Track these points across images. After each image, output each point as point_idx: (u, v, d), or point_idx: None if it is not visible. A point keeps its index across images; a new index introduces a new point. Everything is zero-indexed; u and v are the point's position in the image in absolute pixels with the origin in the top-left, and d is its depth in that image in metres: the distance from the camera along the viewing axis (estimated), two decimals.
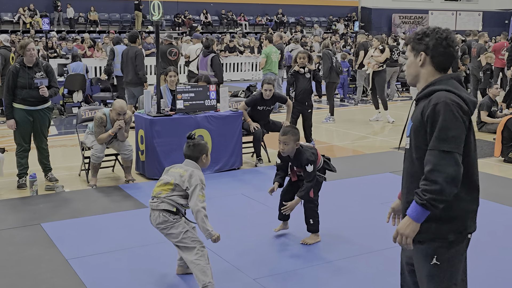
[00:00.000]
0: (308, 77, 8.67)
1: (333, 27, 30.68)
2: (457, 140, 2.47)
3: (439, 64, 2.62)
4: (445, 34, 2.59)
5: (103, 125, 6.74)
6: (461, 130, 2.49)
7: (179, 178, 3.97)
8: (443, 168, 2.44)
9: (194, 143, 4.15)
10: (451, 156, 2.45)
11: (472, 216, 2.62)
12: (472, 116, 2.59)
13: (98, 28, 25.38)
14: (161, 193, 4.00)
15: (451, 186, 2.44)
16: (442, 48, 2.59)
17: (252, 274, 4.37)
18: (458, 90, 2.56)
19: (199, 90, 7.33)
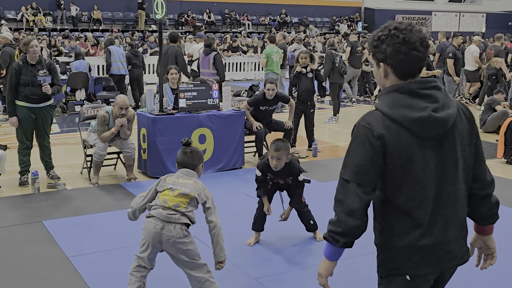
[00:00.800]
0: (311, 77, 8.65)
1: (336, 27, 30.66)
2: (359, 169, 2.18)
3: (401, 72, 2.22)
4: (402, 36, 2.17)
5: (105, 123, 6.73)
6: (365, 158, 2.17)
7: (195, 190, 3.60)
8: (342, 197, 2.23)
9: (192, 150, 3.76)
10: (350, 186, 2.20)
11: (409, 256, 2.22)
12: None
13: (101, 27, 25.41)
14: (180, 205, 3.56)
15: (350, 219, 2.19)
16: (402, 54, 2.19)
17: (253, 274, 4.36)
18: (391, 108, 2.17)
19: (202, 89, 7.32)
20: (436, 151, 2.21)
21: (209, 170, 7.33)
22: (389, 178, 2.21)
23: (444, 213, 2.24)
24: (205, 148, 7.28)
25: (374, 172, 2.19)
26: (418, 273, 2.24)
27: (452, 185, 2.24)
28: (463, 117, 2.29)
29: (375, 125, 2.19)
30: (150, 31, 24.05)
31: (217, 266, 3.67)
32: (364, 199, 2.20)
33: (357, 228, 2.22)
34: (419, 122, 2.15)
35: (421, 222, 2.21)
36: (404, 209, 2.22)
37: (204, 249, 4.08)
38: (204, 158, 7.26)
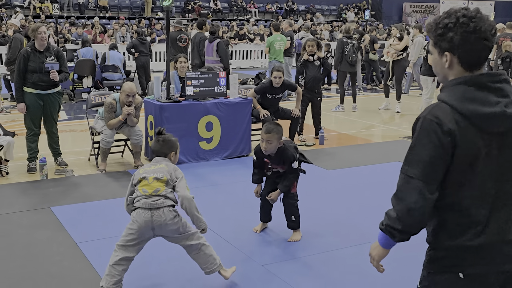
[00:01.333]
0: (318, 64, 8.62)
1: (343, 15, 30.50)
2: (425, 166, 2.07)
3: (468, 63, 2.09)
4: (472, 25, 2.02)
5: (113, 111, 6.75)
6: (433, 155, 2.05)
7: (166, 172, 3.73)
8: (404, 195, 2.13)
9: (164, 139, 3.90)
10: (414, 184, 2.09)
11: (466, 253, 2.13)
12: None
13: (107, 14, 25.36)
14: (159, 189, 3.68)
15: (408, 218, 2.11)
16: (471, 44, 2.05)
17: (260, 260, 4.38)
18: (461, 101, 2.05)
19: (209, 76, 7.32)
20: (499, 148, 2.09)
21: (215, 157, 7.34)
22: (451, 176, 2.09)
23: (504, 213, 2.13)
24: (212, 136, 7.29)
25: (441, 171, 2.07)
26: (472, 272, 2.13)
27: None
28: None
29: (444, 120, 2.03)
30: (156, 19, 23.99)
31: (201, 233, 3.84)
32: (428, 198, 2.07)
33: (416, 226, 2.15)
34: (490, 118, 2.02)
35: (479, 221, 2.11)
36: (462, 207, 2.11)
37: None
38: (211, 146, 7.30)
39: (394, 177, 5.64)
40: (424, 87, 10.59)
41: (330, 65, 9.07)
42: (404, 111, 11.50)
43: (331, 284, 4.06)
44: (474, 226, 2.11)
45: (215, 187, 6.29)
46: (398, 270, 4.27)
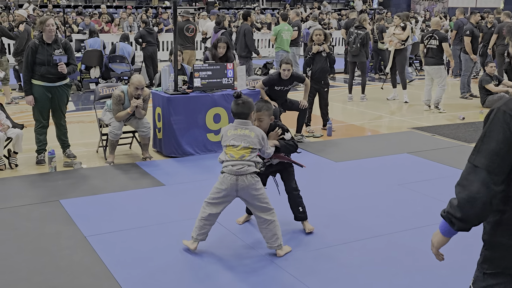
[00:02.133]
0: (325, 55, 8.59)
1: (351, 3, 30.27)
2: (492, 157, 2.04)
3: None
4: None
5: (121, 103, 6.75)
6: (502, 146, 2.03)
7: (251, 140, 4.16)
8: (467, 184, 2.09)
9: (243, 101, 4.23)
10: (479, 173, 2.06)
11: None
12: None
13: (115, 3, 25.31)
14: (245, 155, 4.14)
15: (469, 207, 2.08)
16: None
17: (269, 254, 4.38)
18: None
19: (217, 68, 7.30)
20: None
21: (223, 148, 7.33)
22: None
23: None
24: (219, 128, 7.27)
25: (509, 163, 2.04)
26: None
27: None
28: None
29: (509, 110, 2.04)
30: (163, 8, 23.92)
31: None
32: (491, 189, 2.04)
33: (476, 217, 2.09)
34: None
35: None
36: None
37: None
38: (219, 138, 7.26)
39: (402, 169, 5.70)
40: (438, 76, 10.53)
41: (333, 57, 8.98)
42: (412, 101, 11.44)
43: (335, 278, 4.06)
44: None
45: None
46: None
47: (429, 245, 2.27)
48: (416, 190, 5.93)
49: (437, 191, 5.83)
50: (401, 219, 5.14)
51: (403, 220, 5.11)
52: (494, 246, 2.15)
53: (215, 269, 4.15)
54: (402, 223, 5.04)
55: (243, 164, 4.13)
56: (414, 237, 4.72)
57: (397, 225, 4.97)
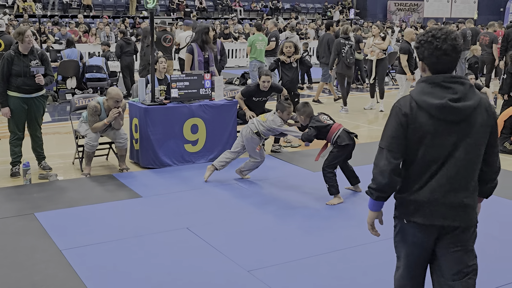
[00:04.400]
0: (295, 66, 8.61)
1: (329, 13, 30.55)
2: (390, 138, 2.79)
3: (435, 71, 2.79)
4: (435, 44, 2.73)
5: (97, 114, 6.69)
6: (394, 130, 2.78)
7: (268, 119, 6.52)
8: (377, 162, 2.82)
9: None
10: (383, 152, 2.80)
11: (407, 205, 2.83)
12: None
13: (91, 13, 25.16)
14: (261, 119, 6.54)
15: (381, 178, 2.78)
16: (435, 58, 2.75)
17: (246, 266, 4.37)
18: (418, 94, 2.77)
19: (194, 79, 7.29)
20: (451, 132, 2.73)
21: (201, 160, 7.32)
22: (408, 148, 2.78)
23: (446, 179, 2.76)
24: (197, 138, 7.27)
25: (402, 142, 2.77)
26: (412, 220, 2.83)
27: (458, 160, 2.75)
28: (483, 110, 2.76)
29: (403, 106, 2.78)
30: (141, 17, 23.86)
31: None
32: (392, 162, 2.77)
33: (386, 185, 2.80)
34: (436, 107, 2.70)
35: (424, 183, 2.78)
36: (412, 171, 2.80)
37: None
38: (197, 148, 7.29)
39: None
40: (400, 85, 11.06)
41: (309, 62, 9.02)
42: (388, 110, 11.53)
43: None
44: (420, 186, 2.79)
45: (200, 190, 6.27)
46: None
47: None
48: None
49: None
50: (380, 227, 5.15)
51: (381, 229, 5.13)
52: (397, 199, 2.91)
53: (193, 282, 4.12)
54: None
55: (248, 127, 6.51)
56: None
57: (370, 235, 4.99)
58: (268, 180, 6.69)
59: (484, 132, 2.78)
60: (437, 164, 2.75)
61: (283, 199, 5.98)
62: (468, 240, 2.83)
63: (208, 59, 8.54)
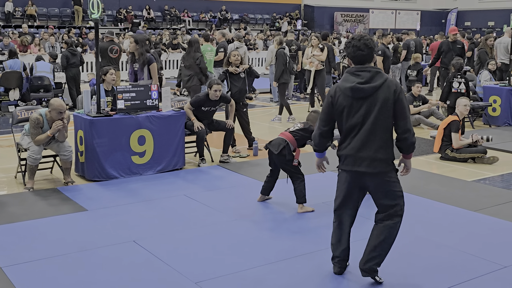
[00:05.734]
0: (243, 76, 8.66)
1: (277, 24, 30.85)
2: (323, 113, 4.15)
3: (355, 63, 4.05)
4: (353, 43, 4.02)
5: (39, 126, 6.54)
6: (325, 107, 4.13)
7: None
8: (315, 129, 4.25)
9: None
10: (318, 122, 4.18)
11: (340, 158, 4.14)
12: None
13: (36, 23, 24.58)
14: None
15: (315, 138, 4.24)
16: (353, 53, 4.02)
17: (194, 278, 4.34)
18: (341, 81, 4.04)
19: (141, 90, 7.22)
20: (361, 106, 3.95)
21: (149, 171, 7.24)
22: (337, 118, 4.08)
23: (360, 140, 3.99)
24: (144, 150, 7.19)
25: (330, 116, 4.11)
26: (344, 169, 4.12)
27: (368, 126, 3.95)
28: (386, 89, 3.92)
29: (331, 91, 4.08)
30: (87, 28, 23.47)
31: None
32: (322, 129, 4.15)
33: (317, 144, 4.25)
34: (349, 89, 3.96)
35: (347, 142, 4.06)
36: (343, 134, 4.08)
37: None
38: (144, 160, 7.21)
39: (327, 187, 5.80)
40: None
41: (257, 72, 9.09)
42: None
43: None
44: (346, 145, 4.07)
45: (148, 203, 6.19)
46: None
47: None
48: None
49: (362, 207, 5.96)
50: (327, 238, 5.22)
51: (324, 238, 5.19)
52: (338, 155, 4.17)
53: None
54: (321, 243, 5.12)
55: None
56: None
57: (319, 244, 5.04)
58: (216, 191, 6.67)
59: (387, 105, 3.91)
60: (357, 128, 3.97)
61: (231, 210, 5.98)
62: (380, 183, 4.06)
63: (137, 71, 8.41)
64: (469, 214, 5.88)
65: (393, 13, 35.36)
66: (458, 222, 5.67)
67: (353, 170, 4.03)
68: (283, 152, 5.88)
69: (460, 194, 6.51)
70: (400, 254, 4.85)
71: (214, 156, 8.19)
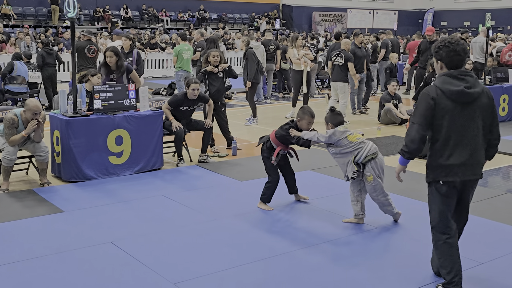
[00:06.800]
0: (221, 76, 8.62)
1: (255, 24, 30.86)
2: (419, 115, 3.88)
3: (450, 67, 3.93)
4: (451, 47, 3.88)
5: (14, 127, 6.44)
6: (424, 109, 3.87)
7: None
8: (409, 132, 3.94)
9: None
10: (414, 126, 3.90)
11: (442, 169, 3.90)
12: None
13: (11, 22, 24.23)
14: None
15: (410, 144, 3.92)
16: (449, 58, 3.90)
17: (172, 278, 4.31)
18: (441, 84, 3.88)
19: (118, 89, 7.15)
20: (463, 111, 3.84)
21: (126, 171, 7.18)
22: (434, 123, 3.88)
23: (463, 147, 3.86)
24: (122, 150, 7.12)
25: (429, 119, 3.86)
26: (446, 180, 3.91)
27: (471, 131, 3.87)
28: (485, 95, 3.92)
29: (431, 92, 3.88)
30: (64, 27, 23.21)
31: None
32: (421, 134, 3.88)
33: (414, 150, 3.94)
34: (455, 93, 3.82)
35: (449, 150, 3.87)
36: (441, 142, 3.89)
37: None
38: (121, 160, 7.14)
39: (305, 186, 5.79)
40: (342, 92, 11.26)
41: (235, 72, 9.05)
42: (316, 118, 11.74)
43: None
44: (447, 153, 3.88)
45: (126, 203, 6.14)
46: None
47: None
48: (319, 206, 6.06)
49: (338, 205, 5.99)
50: (305, 236, 5.23)
51: (304, 237, 5.20)
52: (428, 166, 4.00)
53: None
54: (298, 241, 5.12)
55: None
56: (318, 254, 4.81)
57: (296, 243, 5.05)
58: (194, 191, 6.64)
59: (486, 110, 3.90)
60: (458, 134, 3.84)
61: (209, 210, 5.95)
62: (473, 190, 4.07)
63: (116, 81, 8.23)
64: None
65: (371, 13, 35.63)
66: None
67: (461, 180, 3.89)
68: (263, 147, 5.97)
69: None
70: (375, 251, 4.88)
71: (193, 156, 8.15)
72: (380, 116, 11.33)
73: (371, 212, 5.63)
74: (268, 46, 14.06)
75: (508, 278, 4.44)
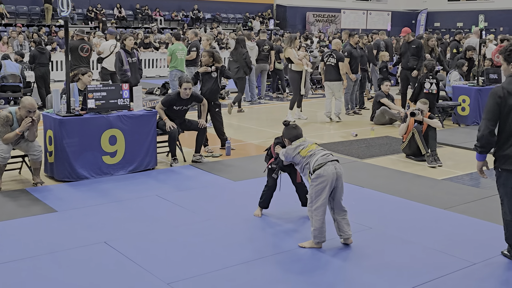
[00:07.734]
0: (215, 76, 8.62)
1: (249, 24, 30.86)
2: (488, 112, 4.44)
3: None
4: None
5: (8, 124, 6.41)
6: (492, 106, 4.43)
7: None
8: (480, 128, 4.47)
9: (296, 125, 5.18)
10: (484, 121, 4.44)
11: (502, 158, 4.49)
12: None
13: (4, 21, 24.12)
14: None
15: (481, 139, 4.43)
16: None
17: (166, 278, 4.30)
18: (508, 85, 4.45)
19: (111, 89, 7.13)
20: None
21: (120, 171, 7.17)
22: (500, 118, 4.44)
23: None
24: (116, 150, 7.11)
25: (497, 115, 4.43)
26: (505, 168, 4.49)
27: None
28: None
29: (498, 92, 4.45)
30: (57, 26, 23.13)
31: None
32: (490, 129, 4.41)
33: (487, 144, 4.46)
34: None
35: (510, 143, 4.44)
36: (506, 134, 4.45)
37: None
38: (115, 160, 7.13)
39: None
40: (337, 90, 11.41)
41: (229, 73, 9.06)
42: (308, 119, 11.78)
43: None
44: (507, 144, 4.45)
45: (119, 203, 6.13)
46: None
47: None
48: None
49: None
50: (299, 236, 5.24)
51: (300, 236, 5.21)
52: (495, 155, 4.55)
53: None
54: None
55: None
56: (312, 255, 4.82)
57: (293, 243, 5.05)
58: (188, 191, 6.63)
59: None
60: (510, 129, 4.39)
61: (203, 210, 5.95)
62: None
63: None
64: (439, 212, 5.96)
65: (364, 14, 35.70)
66: (428, 220, 5.74)
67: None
68: (267, 152, 5.76)
69: (430, 192, 6.59)
70: (370, 252, 4.89)
71: (187, 155, 8.14)
72: (375, 117, 11.34)
73: (365, 213, 5.64)
74: (262, 46, 14.09)
75: (501, 279, 4.47)
